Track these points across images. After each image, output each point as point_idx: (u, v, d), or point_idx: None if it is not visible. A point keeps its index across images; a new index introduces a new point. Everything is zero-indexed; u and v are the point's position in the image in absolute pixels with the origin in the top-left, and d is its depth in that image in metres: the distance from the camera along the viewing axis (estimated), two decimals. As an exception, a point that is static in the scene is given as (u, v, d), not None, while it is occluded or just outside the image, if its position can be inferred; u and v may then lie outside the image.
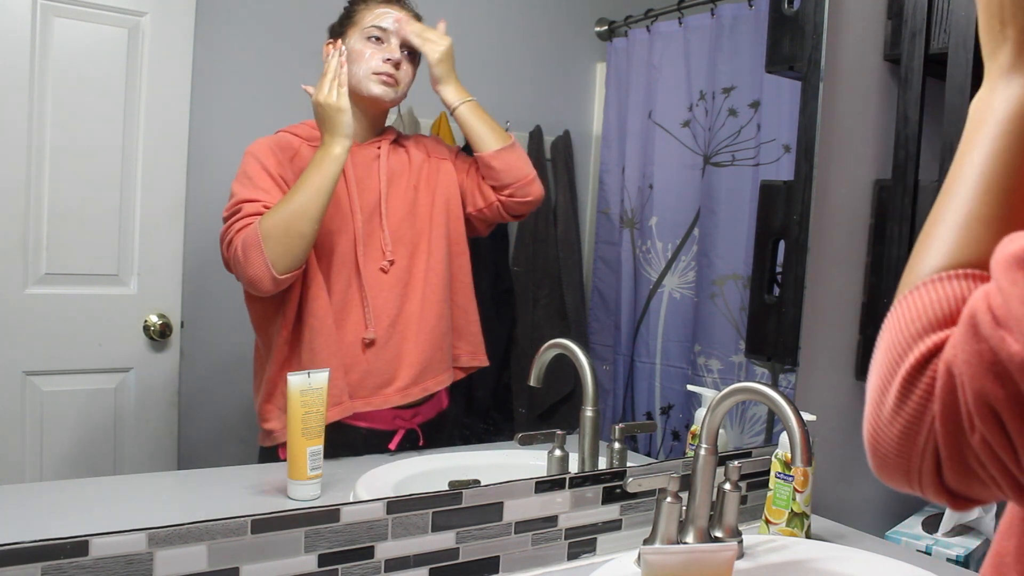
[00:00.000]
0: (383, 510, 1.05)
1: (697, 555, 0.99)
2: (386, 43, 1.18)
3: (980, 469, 0.48)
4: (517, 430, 1.31)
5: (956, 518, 1.51)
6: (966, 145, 0.56)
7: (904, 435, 0.50)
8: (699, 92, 1.55)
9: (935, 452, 0.49)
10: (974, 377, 0.46)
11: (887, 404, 0.51)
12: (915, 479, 0.51)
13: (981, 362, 0.46)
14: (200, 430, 1.14)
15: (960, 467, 0.48)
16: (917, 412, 0.49)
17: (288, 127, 1.16)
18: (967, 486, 0.49)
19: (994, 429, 0.46)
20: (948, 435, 0.48)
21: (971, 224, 0.53)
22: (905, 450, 0.50)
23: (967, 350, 0.47)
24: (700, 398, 1.46)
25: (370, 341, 1.18)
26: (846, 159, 1.55)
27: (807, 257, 1.47)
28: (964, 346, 0.47)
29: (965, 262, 0.52)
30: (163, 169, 1.09)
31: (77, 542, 0.86)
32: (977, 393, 0.46)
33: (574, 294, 1.51)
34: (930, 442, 0.49)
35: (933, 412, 0.48)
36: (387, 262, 1.19)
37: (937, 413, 0.48)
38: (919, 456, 0.50)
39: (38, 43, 0.99)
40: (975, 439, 0.47)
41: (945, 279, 0.52)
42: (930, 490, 0.51)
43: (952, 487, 0.50)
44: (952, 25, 1.42)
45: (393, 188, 1.22)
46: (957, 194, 0.55)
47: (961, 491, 0.50)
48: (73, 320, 1.05)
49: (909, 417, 0.49)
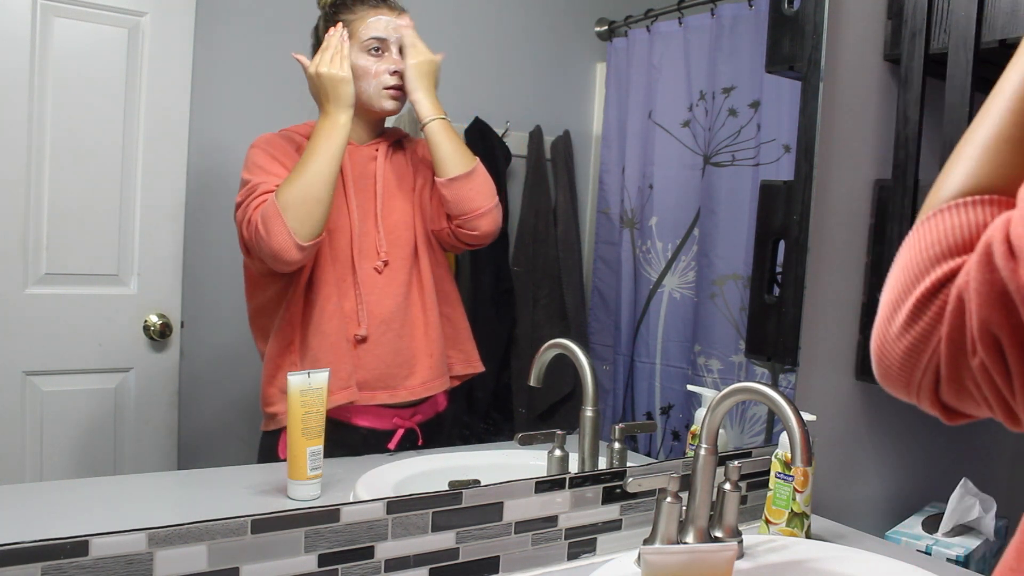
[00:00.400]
0: (383, 510, 1.05)
1: (697, 555, 0.99)
2: (386, 52, 1.19)
3: (975, 390, 0.50)
4: (517, 430, 1.31)
5: (956, 518, 1.51)
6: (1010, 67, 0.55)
7: (909, 352, 0.52)
8: (699, 92, 1.55)
9: (936, 370, 0.51)
10: (982, 305, 0.48)
11: (897, 321, 0.53)
12: (914, 392, 0.54)
13: (991, 291, 0.47)
14: (200, 430, 1.14)
15: (957, 386, 0.51)
16: (925, 333, 0.51)
17: (290, 127, 1.16)
18: (961, 403, 0.52)
19: (994, 356, 0.48)
20: (951, 357, 0.50)
21: (999, 145, 0.53)
22: (909, 366, 0.52)
23: (979, 278, 0.48)
24: (700, 398, 1.46)
25: (362, 338, 1.18)
26: (846, 159, 1.55)
27: (807, 257, 1.47)
28: (977, 274, 0.48)
29: (988, 187, 0.53)
30: (163, 169, 1.09)
31: (77, 542, 0.86)
32: (983, 320, 0.48)
33: (574, 294, 1.51)
34: (933, 361, 0.51)
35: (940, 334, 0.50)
36: (381, 263, 1.20)
37: (944, 335, 0.50)
38: (921, 372, 0.52)
39: (38, 43, 0.99)
40: (975, 363, 0.49)
41: (966, 205, 0.52)
42: (927, 403, 0.54)
43: (947, 402, 0.53)
44: (952, 25, 1.42)
45: (389, 190, 1.22)
46: (989, 113, 0.54)
47: (955, 407, 0.53)
48: (73, 320, 1.05)
49: (917, 336, 0.51)
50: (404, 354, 1.23)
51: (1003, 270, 0.47)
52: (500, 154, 1.39)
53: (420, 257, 1.24)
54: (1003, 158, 0.53)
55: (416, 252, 1.24)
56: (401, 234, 1.23)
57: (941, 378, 0.51)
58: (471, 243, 1.27)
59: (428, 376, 1.25)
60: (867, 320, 1.60)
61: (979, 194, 0.53)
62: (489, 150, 1.36)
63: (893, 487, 1.71)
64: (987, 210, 0.52)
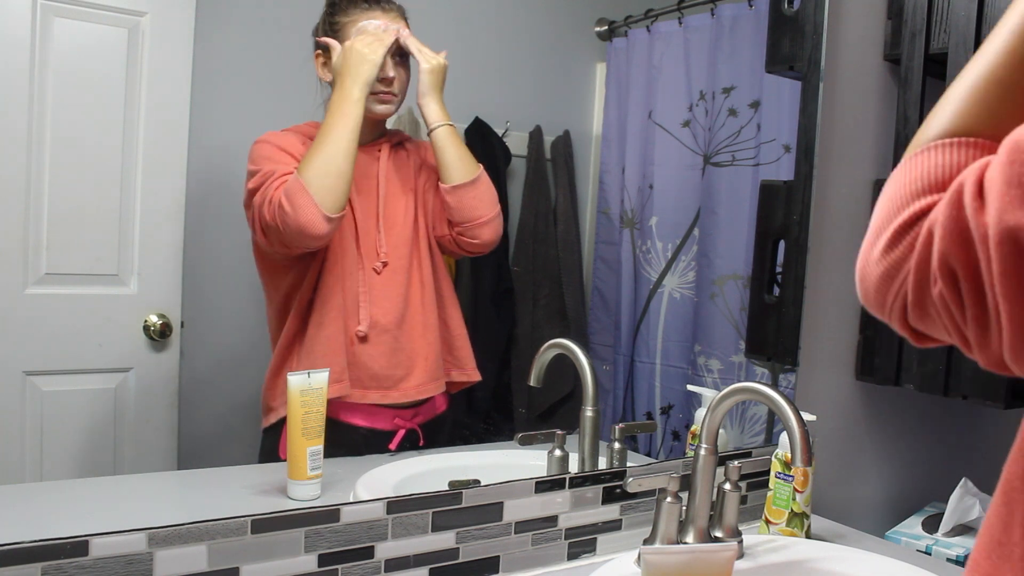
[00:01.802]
0: (383, 510, 1.05)
1: (697, 555, 0.99)
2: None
3: (936, 317, 0.54)
4: (517, 430, 1.31)
5: (956, 518, 1.51)
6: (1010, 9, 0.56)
7: (884, 277, 0.56)
8: (699, 92, 1.55)
9: (905, 296, 0.55)
10: (944, 239, 0.51)
11: (877, 248, 0.57)
12: (887, 314, 0.58)
13: (955, 227, 0.51)
14: (200, 430, 1.14)
15: (922, 312, 0.55)
16: (898, 262, 0.55)
17: (292, 127, 1.16)
18: (927, 328, 0.56)
19: (951, 288, 0.52)
20: (916, 284, 0.54)
21: (988, 87, 0.55)
22: (883, 289, 0.57)
23: (946, 214, 0.51)
24: (700, 398, 1.46)
25: (363, 336, 1.18)
26: (846, 159, 1.55)
27: (807, 257, 1.47)
28: (945, 210, 0.52)
29: (973, 129, 0.55)
30: (163, 169, 1.09)
31: (77, 542, 0.86)
32: (943, 253, 0.51)
33: (574, 294, 1.51)
34: (903, 287, 0.55)
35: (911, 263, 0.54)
36: (380, 263, 1.20)
37: (912, 264, 0.54)
38: (893, 296, 0.56)
39: (38, 43, 0.99)
40: (935, 291, 0.53)
41: (949, 146, 0.55)
42: (897, 325, 0.58)
43: (915, 327, 0.57)
44: (952, 25, 1.42)
45: (391, 191, 1.22)
46: (982, 54, 0.56)
47: (922, 330, 0.57)
48: (73, 320, 1.05)
49: (891, 264, 0.56)
50: (400, 355, 1.23)
51: (968, 209, 0.50)
52: (500, 154, 1.39)
53: (421, 260, 1.24)
54: (990, 101, 0.55)
55: (416, 254, 1.24)
56: (401, 235, 1.23)
57: (908, 304, 0.55)
58: (472, 251, 1.27)
59: (423, 379, 1.25)
60: (867, 320, 1.60)
61: (964, 136, 0.55)
62: (489, 150, 1.36)
63: (893, 487, 1.71)
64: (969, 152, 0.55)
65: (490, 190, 1.25)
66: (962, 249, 0.50)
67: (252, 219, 1.11)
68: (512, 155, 1.40)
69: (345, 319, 1.18)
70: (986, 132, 0.54)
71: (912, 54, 1.49)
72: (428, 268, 1.25)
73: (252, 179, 1.11)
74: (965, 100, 0.56)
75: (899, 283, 0.55)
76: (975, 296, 0.51)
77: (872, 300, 0.58)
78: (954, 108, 0.56)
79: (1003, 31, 0.55)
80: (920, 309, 0.55)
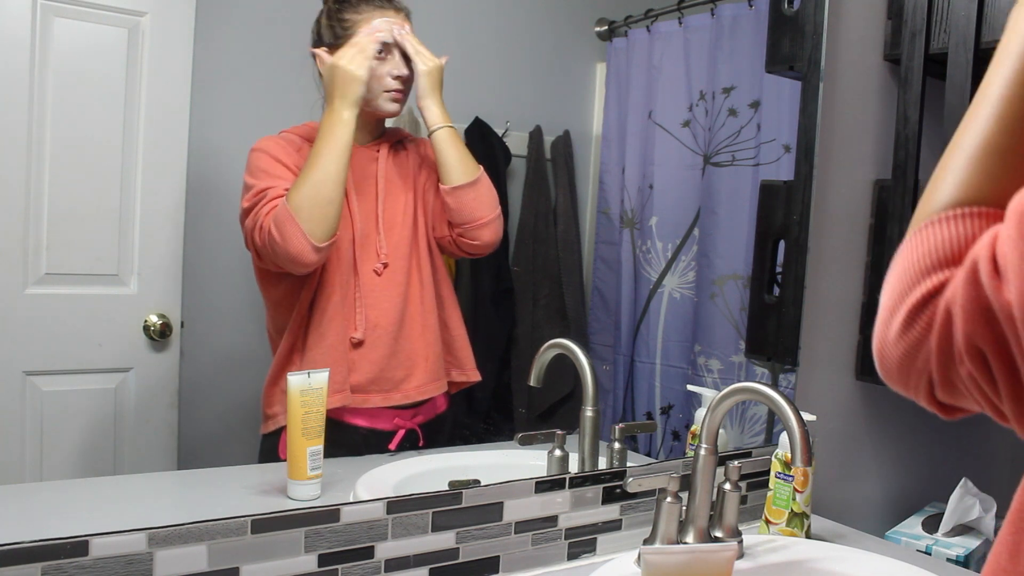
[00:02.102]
0: (383, 510, 1.05)
1: (697, 555, 0.99)
2: (390, 56, 1.18)
3: (967, 393, 0.53)
4: (517, 430, 1.31)
5: (956, 518, 1.51)
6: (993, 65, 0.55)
7: (905, 357, 0.55)
8: (699, 92, 1.55)
9: (930, 374, 0.54)
10: (967, 320, 0.50)
11: (892, 328, 0.56)
12: (912, 392, 0.57)
13: (976, 307, 0.50)
14: (200, 430, 1.14)
15: (950, 389, 0.54)
16: (917, 341, 0.54)
17: (289, 129, 1.16)
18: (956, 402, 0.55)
19: (980, 367, 0.51)
20: (941, 365, 0.53)
21: (988, 155, 0.54)
22: (905, 368, 0.56)
23: (965, 294, 0.50)
24: (700, 398, 1.46)
25: (358, 341, 1.18)
26: (846, 159, 1.55)
27: (807, 257, 1.47)
28: (963, 290, 0.51)
29: (977, 198, 0.54)
30: (163, 169, 1.09)
31: (77, 542, 0.86)
32: (968, 334, 0.50)
33: (574, 294, 1.51)
34: (927, 366, 0.54)
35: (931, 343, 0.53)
36: (380, 264, 1.20)
37: (933, 346, 0.53)
38: (917, 375, 0.55)
39: (38, 43, 0.99)
40: (963, 372, 0.52)
41: (956, 218, 0.54)
42: (924, 401, 0.57)
43: (944, 402, 0.56)
44: (952, 25, 1.42)
45: (390, 192, 1.22)
46: (977, 118, 0.55)
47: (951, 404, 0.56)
48: (73, 320, 1.05)
49: (910, 344, 0.54)
50: (400, 357, 1.22)
51: (988, 287, 0.49)
52: (500, 154, 1.39)
53: (421, 260, 1.24)
54: (991, 168, 0.54)
55: (416, 255, 1.24)
56: (401, 236, 1.23)
57: (935, 382, 0.54)
58: (472, 252, 1.27)
59: (424, 380, 1.25)
60: (867, 320, 1.60)
61: (968, 205, 0.54)
62: (489, 150, 1.36)
63: (893, 487, 1.71)
64: (976, 223, 0.54)
65: (490, 191, 1.25)
66: (987, 328, 0.49)
67: (246, 238, 1.12)
68: (512, 155, 1.40)
69: (345, 326, 1.18)
70: (990, 199, 0.54)
71: (912, 54, 1.49)
72: (428, 268, 1.25)
73: (246, 196, 1.11)
74: (964, 170, 0.55)
75: (921, 362, 0.54)
76: (1007, 372, 0.50)
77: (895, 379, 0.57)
78: (954, 178, 0.55)
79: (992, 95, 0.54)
80: (948, 387, 0.54)
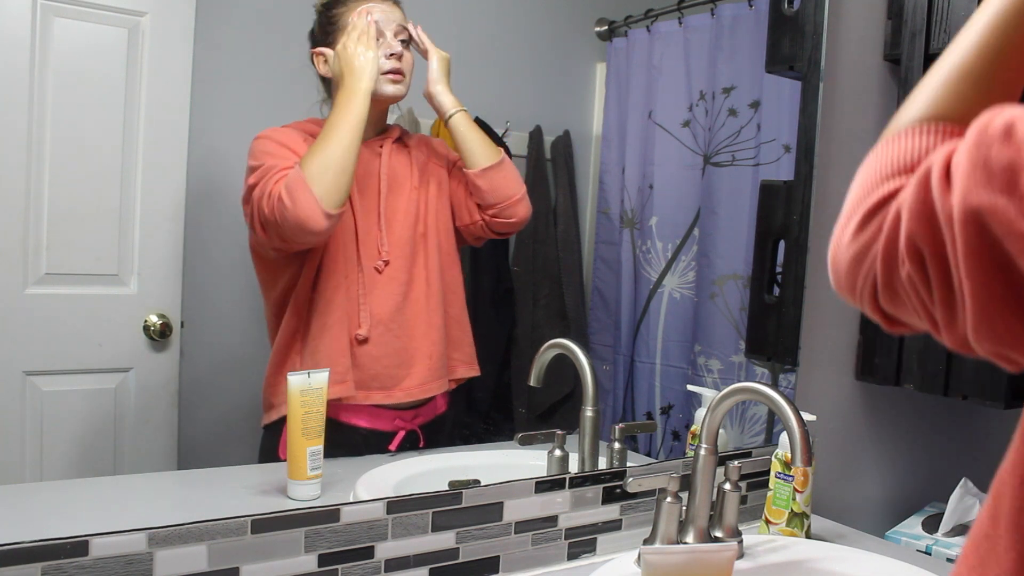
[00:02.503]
0: (383, 510, 1.05)
1: (697, 555, 0.99)
2: (383, 38, 1.18)
3: (906, 299, 0.55)
4: (517, 430, 1.31)
5: (956, 518, 1.51)
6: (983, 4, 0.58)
7: (854, 260, 0.57)
8: (699, 92, 1.55)
9: (875, 278, 0.56)
10: (911, 219, 0.52)
11: (847, 232, 0.57)
12: (858, 297, 0.58)
13: (922, 209, 0.52)
14: (200, 430, 1.14)
15: (891, 294, 0.55)
16: (867, 244, 0.56)
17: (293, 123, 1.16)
18: (897, 311, 0.57)
19: (918, 269, 0.52)
20: (884, 267, 0.55)
21: (961, 77, 0.57)
22: (854, 272, 0.57)
23: (913, 196, 0.52)
24: (700, 398, 1.46)
25: (363, 338, 1.18)
26: (846, 159, 1.55)
27: (807, 257, 1.47)
28: (912, 192, 0.53)
29: (944, 115, 0.57)
30: (163, 169, 1.09)
31: (77, 542, 0.86)
32: (910, 234, 0.52)
33: (574, 294, 1.51)
34: (872, 270, 0.56)
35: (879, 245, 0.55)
36: (382, 262, 1.20)
37: (880, 247, 0.54)
38: (863, 279, 0.57)
39: (38, 43, 0.99)
40: (903, 273, 0.53)
41: (920, 131, 0.57)
42: (868, 308, 0.58)
43: (885, 309, 0.57)
44: (952, 25, 1.42)
45: (393, 189, 1.22)
46: (958, 45, 0.58)
47: (893, 314, 0.57)
48: (73, 320, 1.05)
49: (860, 246, 0.56)
50: (402, 355, 1.22)
51: (936, 191, 0.51)
52: (500, 154, 1.39)
53: (428, 256, 1.24)
54: (963, 90, 0.57)
55: (420, 251, 1.24)
56: (404, 233, 1.22)
57: (878, 286, 0.56)
58: (505, 231, 1.29)
59: (426, 378, 1.24)
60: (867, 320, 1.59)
61: (935, 121, 0.57)
62: (489, 150, 1.36)
63: (893, 487, 1.71)
64: (938, 136, 0.56)
65: (515, 169, 1.27)
66: (928, 230, 0.51)
67: (250, 214, 1.10)
68: (512, 155, 1.40)
69: (347, 320, 1.18)
70: (956, 117, 0.56)
71: (912, 54, 1.49)
72: (435, 264, 1.25)
73: (252, 174, 1.10)
74: (937, 88, 0.57)
75: (868, 265, 0.56)
76: (941, 277, 0.51)
77: (843, 283, 0.59)
78: (926, 96, 0.58)
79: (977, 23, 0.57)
80: (889, 291, 0.55)
